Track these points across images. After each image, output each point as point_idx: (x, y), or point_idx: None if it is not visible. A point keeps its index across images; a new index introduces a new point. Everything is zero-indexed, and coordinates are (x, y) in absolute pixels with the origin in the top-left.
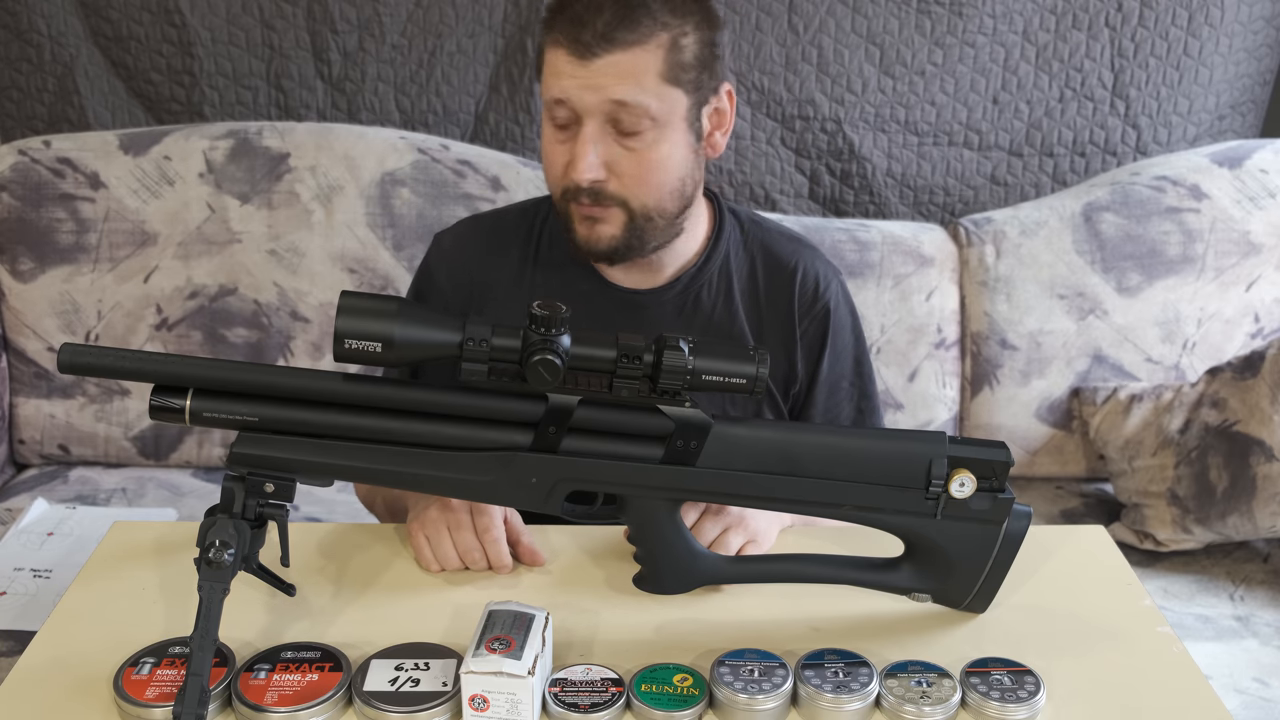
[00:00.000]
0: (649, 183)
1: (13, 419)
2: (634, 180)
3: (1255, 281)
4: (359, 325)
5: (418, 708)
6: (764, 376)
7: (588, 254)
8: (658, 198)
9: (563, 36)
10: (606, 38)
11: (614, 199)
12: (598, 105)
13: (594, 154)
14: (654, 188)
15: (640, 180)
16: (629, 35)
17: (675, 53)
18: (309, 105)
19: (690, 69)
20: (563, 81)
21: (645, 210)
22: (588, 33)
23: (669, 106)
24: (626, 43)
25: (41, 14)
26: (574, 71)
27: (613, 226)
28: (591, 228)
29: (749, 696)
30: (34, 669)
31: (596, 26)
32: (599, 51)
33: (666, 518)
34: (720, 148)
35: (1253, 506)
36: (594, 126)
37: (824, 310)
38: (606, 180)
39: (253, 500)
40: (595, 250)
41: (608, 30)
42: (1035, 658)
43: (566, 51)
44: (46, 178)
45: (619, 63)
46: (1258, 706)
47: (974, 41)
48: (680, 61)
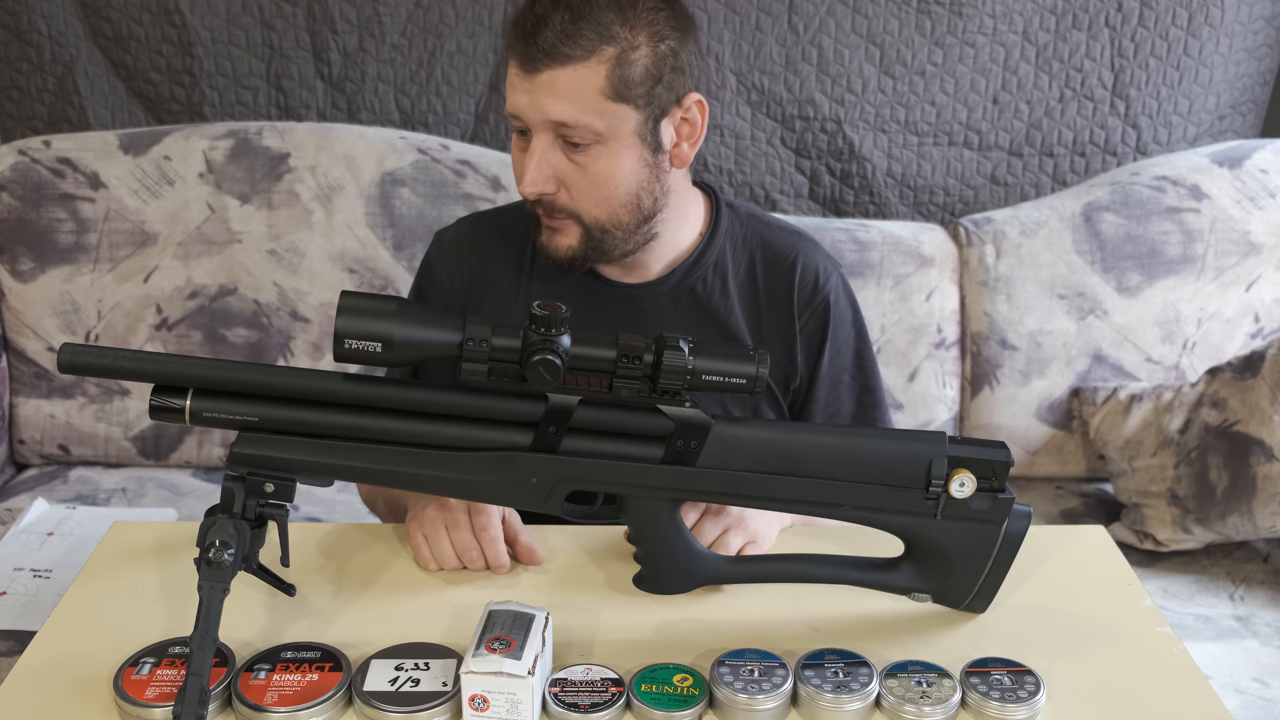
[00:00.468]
0: (596, 197)
1: (13, 419)
2: (581, 194)
3: (1255, 281)
4: (359, 325)
5: (418, 708)
6: (764, 376)
7: (549, 261)
8: (609, 210)
9: (515, 48)
10: (549, 52)
11: (564, 211)
12: (540, 121)
13: (537, 168)
14: (602, 201)
15: (587, 194)
16: (570, 50)
17: (622, 68)
18: (309, 105)
19: (640, 84)
20: (513, 95)
21: (598, 224)
22: (533, 46)
23: (615, 123)
24: (567, 58)
25: (41, 14)
26: (521, 85)
27: (569, 238)
28: (550, 237)
29: (749, 696)
30: (34, 669)
31: (542, 40)
32: (540, 66)
33: (666, 518)
34: (688, 158)
35: (1253, 506)
36: (542, 141)
37: (824, 304)
38: (556, 193)
39: (253, 500)
40: (555, 258)
41: (551, 45)
42: (1035, 658)
43: (516, 64)
44: (46, 178)
45: (558, 79)
46: (1258, 706)
47: (974, 41)
48: (627, 77)
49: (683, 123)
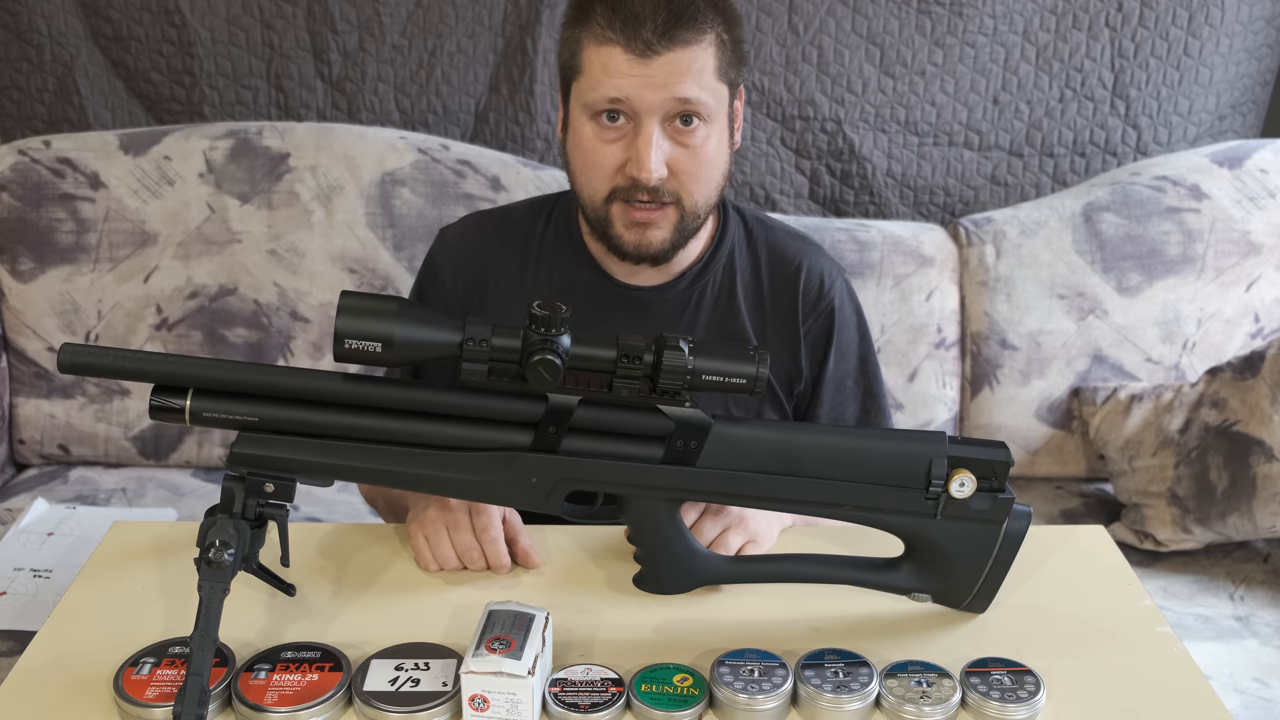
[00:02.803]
0: (702, 179)
1: (13, 419)
2: (689, 177)
3: (1255, 281)
4: (359, 325)
5: (418, 708)
6: (764, 376)
7: (635, 257)
8: (706, 193)
9: (615, 33)
10: (668, 35)
11: (671, 197)
12: (660, 104)
13: (658, 151)
14: (705, 183)
15: (695, 177)
16: (689, 33)
17: (722, 50)
18: (309, 105)
19: (732, 66)
20: (620, 80)
21: (695, 207)
22: (647, 29)
23: (719, 102)
24: (687, 40)
25: (41, 14)
26: (633, 70)
27: (663, 230)
28: (643, 233)
29: (749, 696)
30: (34, 669)
31: (655, 24)
32: (660, 49)
33: (666, 518)
34: (738, 144)
35: (1253, 506)
36: (655, 125)
37: (828, 309)
38: (667, 178)
39: (253, 500)
40: (646, 254)
41: (668, 28)
42: (1035, 658)
43: (623, 49)
44: (46, 178)
45: (681, 59)
46: (1258, 706)
47: (974, 41)
48: (726, 58)
49: (735, 109)
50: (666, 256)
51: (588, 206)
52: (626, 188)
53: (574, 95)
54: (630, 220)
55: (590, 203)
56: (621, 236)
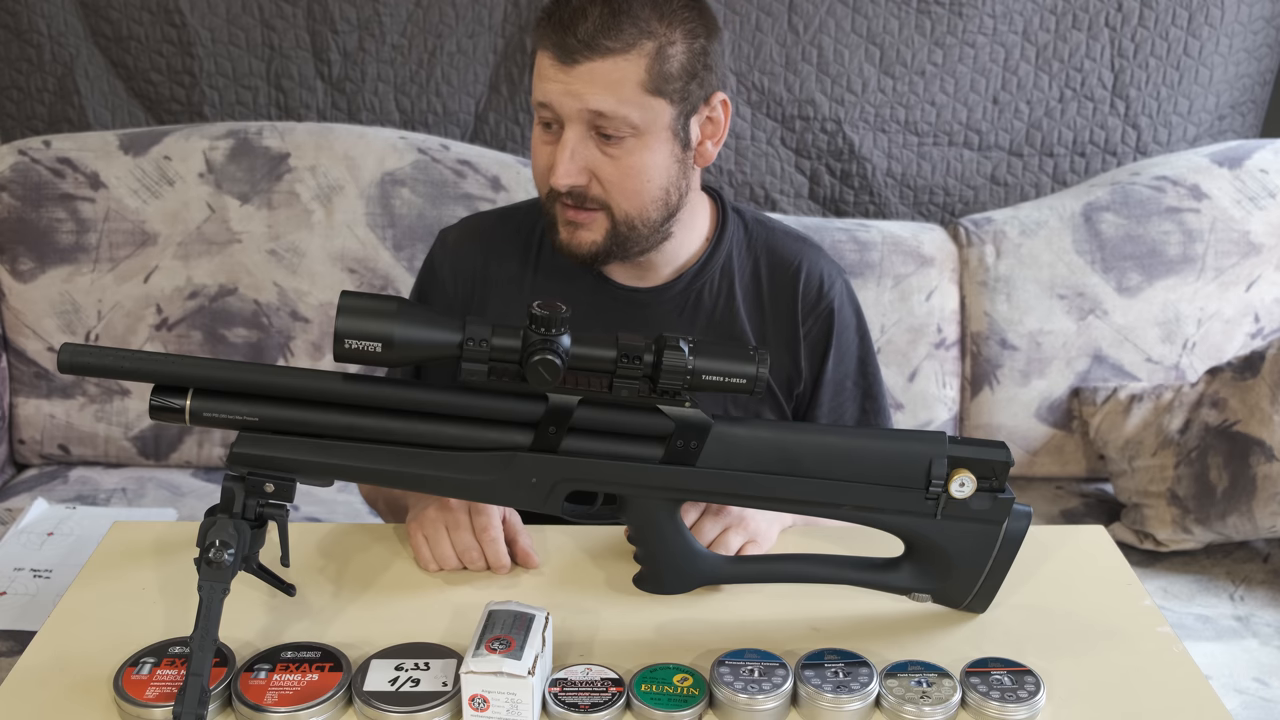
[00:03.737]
0: (629, 190)
1: (13, 419)
2: (614, 187)
3: (1255, 281)
4: (359, 325)
5: (418, 708)
6: (764, 376)
7: (568, 257)
8: (639, 205)
9: (549, 40)
10: (589, 44)
11: (596, 203)
12: (577, 112)
13: (571, 159)
14: (634, 195)
15: (620, 187)
16: (611, 43)
17: (660, 62)
18: (309, 105)
19: (676, 79)
20: (546, 85)
21: (627, 218)
22: (571, 38)
23: (651, 116)
24: (608, 50)
25: (41, 14)
26: (556, 76)
27: (594, 233)
28: (573, 233)
29: (749, 696)
30: (34, 669)
31: (581, 32)
32: (580, 58)
33: (666, 518)
34: (711, 157)
35: (1253, 506)
36: (575, 132)
37: (828, 310)
38: (588, 185)
39: (253, 500)
40: (575, 254)
41: (591, 37)
42: (1035, 658)
43: (552, 55)
44: (46, 178)
45: (599, 70)
46: (1258, 706)
47: (974, 41)
48: (665, 71)
49: (708, 121)
50: (599, 260)
51: (543, 204)
52: (556, 191)
53: None
54: (566, 219)
55: (544, 201)
56: (559, 235)
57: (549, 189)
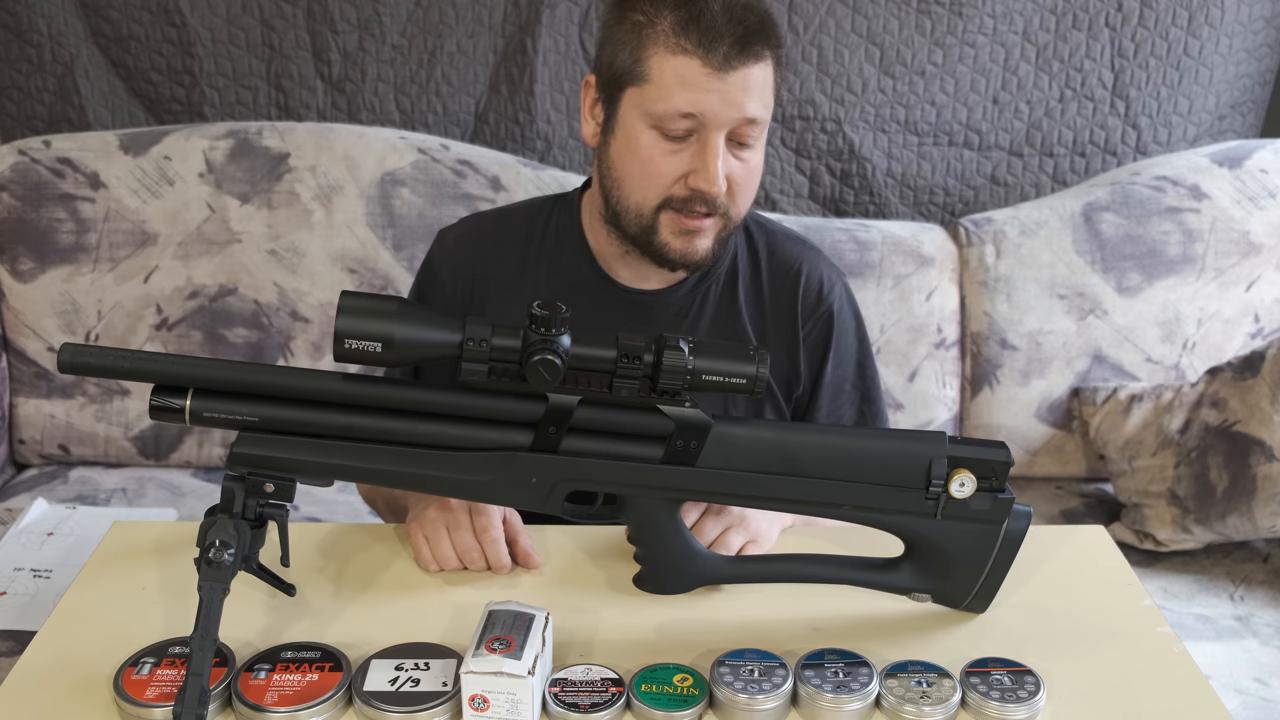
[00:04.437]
0: (749, 191)
1: (13, 419)
2: (740, 190)
3: (1255, 281)
4: (359, 325)
5: (418, 708)
6: (764, 376)
7: (681, 265)
8: (749, 205)
9: (692, 45)
10: (744, 50)
11: (721, 208)
12: (730, 119)
13: (724, 165)
14: (750, 196)
15: (745, 190)
16: (761, 48)
17: (779, 68)
18: (309, 105)
19: (779, 84)
20: (696, 95)
21: (738, 218)
22: (725, 43)
23: (769, 120)
24: (759, 56)
25: (41, 14)
26: (710, 85)
27: (708, 239)
28: (690, 241)
29: (749, 696)
30: (34, 669)
31: (734, 38)
32: (736, 65)
33: (666, 518)
34: None
35: (1253, 506)
36: (720, 138)
37: (827, 313)
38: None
39: (253, 500)
40: (691, 262)
41: (744, 44)
42: (1035, 658)
43: (701, 62)
44: (46, 178)
45: (752, 76)
46: (1258, 706)
47: (974, 41)
48: (780, 76)
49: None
50: (707, 264)
51: (632, 213)
52: (684, 198)
53: (630, 101)
54: (679, 228)
55: (637, 209)
56: (668, 244)
57: (667, 197)
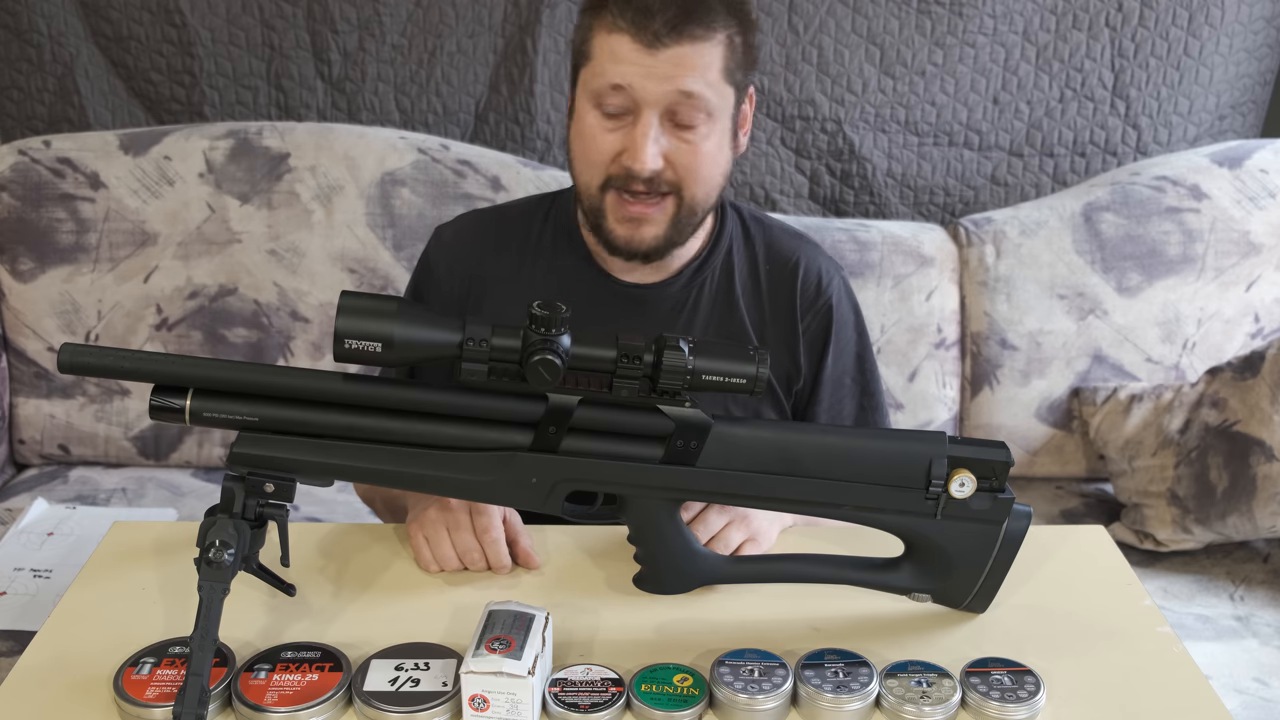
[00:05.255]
0: (701, 175)
1: (13, 419)
2: (687, 171)
3: (1255, 281)
4: (359, 325)
5: (418, 708)
6: (764, 376)
7: (626, 253)
8: (705, 191)
9: (626, 23)
10: (677, 29)
11: (669, 187)
12: (662, 95)
13: (654, 143)
14: (704, 181)
15: (693, 172)
16: (698, 29)
17: (731, 50)
18: (309, 105)
19: (739, 68)
20: (624, 68)
21: (693, 203)
22: (657, 22)
23: (723, 102)
24: (695, 36)
25: (41, 14)
26: (639, 59)
27: (657, 226)
28: (635, 228)
29: (749, 696)
30: (34, 669)
31: (666, 16)
32: (668, 42)
33: (666, 518)
34: (743, 147)
35: (1253, 506)
36: (654, 116)
37: (826, 306)
38: (663, 170)
39: (253, 500)
40: (638, 250)
41: (678, 22)
42: (1035, 658)
43: (631, 39)
44: (46, 178)
45: (687, 55)
46: (1258, 706)
47: (974, 41)
48: (734, 59)
49: (742, 112)
50: (659, 253)
51: (584, 195)
52: (621, 177)
53: (581, 82)
54: (624, 214)
55: (586, 190)
56: (614, 230)
57: (608, 176)
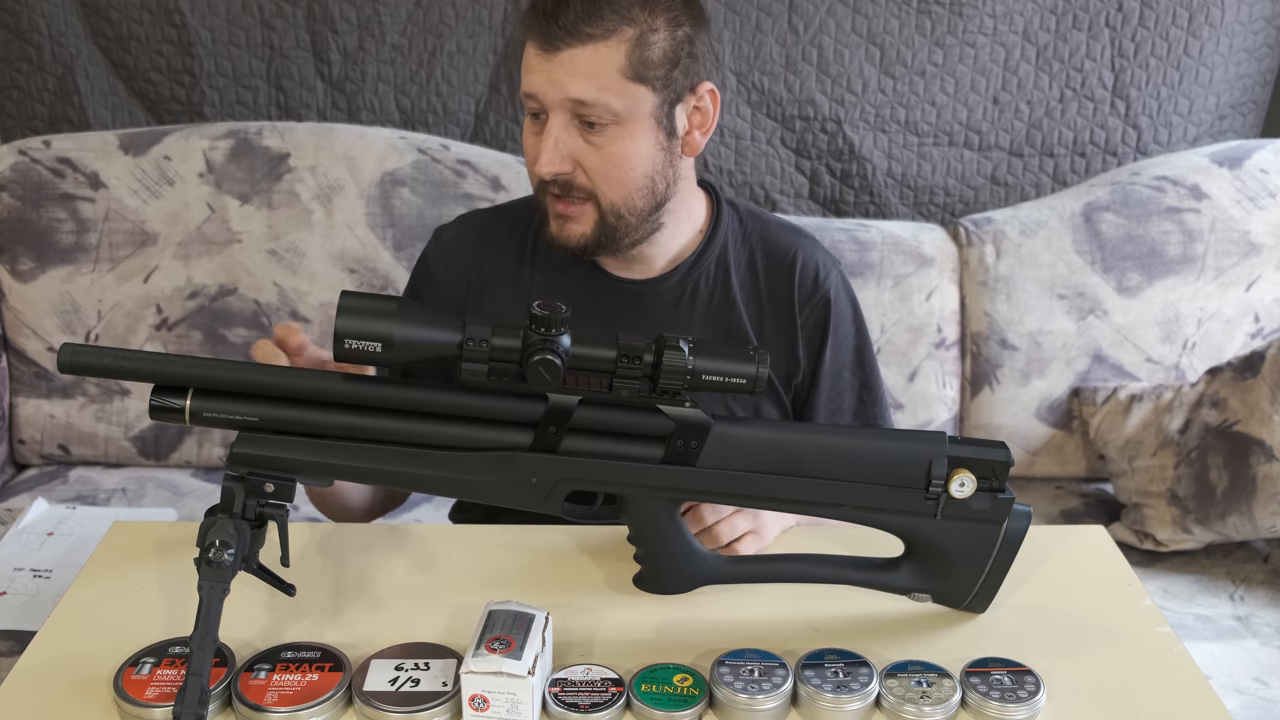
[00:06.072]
0: (613, 178)
1: (13, 419)
2: (599, 175)
3: (1255, 281)
4: (359, 325)
5: (418, 708)
6: (764, 376)
7: (558, 250)
8: (625, 194)
9: (534, 29)
10: (570, 31)
11: (583, 193)
12: (560, 101)
13: (555, 148)
14: (619, 183)
15: (605, 175)
16: (591, 29)
17: (641, 49)
18: (309, 105)
19: (658, 66)
20: (530, 75)
21: (614, 207)
22: (554, 26)
23: (633, 103)
24: (588, 36)
25: (41, 14)
26: (540, 65)
27: (583, 225)
28: (563, 225)
29: (749, 696)
30: (34, 669)
31: (563, 20)
32: (561, 45)
33: (666, 518)
34: (699, 146)
35: (1253, 506)
36: (559, 120)
37: (824, 299)
38: (573, 174)
39: (253, 500)
40: (564, 246)
41: (573, 24)
42: (1035, 658)
43: (535, 44)
44: (46, 178)
45: (579, 57)
46: (1258, 706)
47: (974, 41)
48: (646, 58)
49: (695, 111)
50: (589, 252)
51: (535, 198)
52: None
53: None
54: (555, 211)
55: (535, 193)
56: (546, 228)
57: (538, 180)
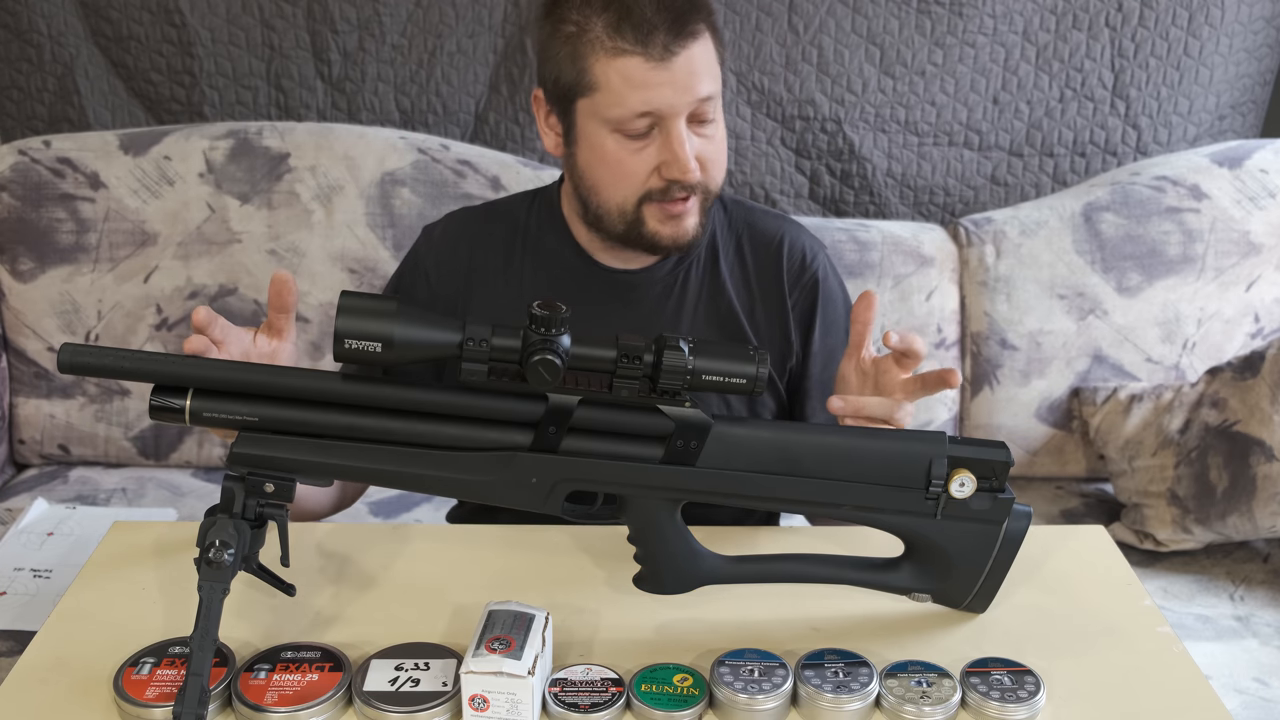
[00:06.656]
0: (720, 163)
1: (13, 419)
2: (712, 165)
3: (1255, 281)
4: (359, 325)
5: (418, 708)
6: (764, 376)
7: (675, 249)
8: (722, 176)
9: (629, 43)
10: (679, 35)
11: (699, 188)
12: (686, 105)
13: (691, 153)
14: (721, 166)
15: (716, 164)
16: (694, 26)
17: (717, 37)
18: (309, 105)
19: (721, 51)
20: (648, 92)
21: (716, 189)
22: (659, 35)
23: (720, 89)
24: (693, 34)
25: (41, 14)
26: (657, 78)
27: (693, 217)
28: (678, 225)
29: (749, 696)
30: (34, 669)
31: (666, 25)
32: (677, 50)
33: (666, 518)
34: None
35: (1253, 506)
36: (680, 125)
37: (813, 280)
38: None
39: (253, 500)
40: (681, 243)
41: (676, 28)
42: (1035, 658)
43: (642, 58)
44: (46, 178)
45: (695, 57)
46: (1258, 706)
47: (974, 41)
48: (720, 44)
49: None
50: (698, 241)
51: (615, 215)
52: (662, 189)
53: (585, 111)
54: (664, 215)
55: (620, 210)
56: (658, 233)
57: (646, 191)
